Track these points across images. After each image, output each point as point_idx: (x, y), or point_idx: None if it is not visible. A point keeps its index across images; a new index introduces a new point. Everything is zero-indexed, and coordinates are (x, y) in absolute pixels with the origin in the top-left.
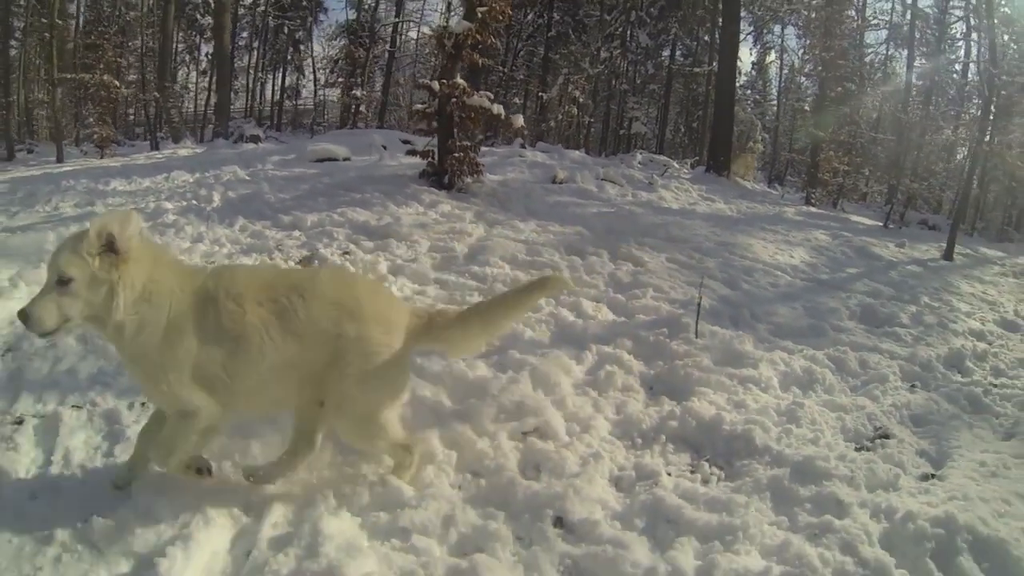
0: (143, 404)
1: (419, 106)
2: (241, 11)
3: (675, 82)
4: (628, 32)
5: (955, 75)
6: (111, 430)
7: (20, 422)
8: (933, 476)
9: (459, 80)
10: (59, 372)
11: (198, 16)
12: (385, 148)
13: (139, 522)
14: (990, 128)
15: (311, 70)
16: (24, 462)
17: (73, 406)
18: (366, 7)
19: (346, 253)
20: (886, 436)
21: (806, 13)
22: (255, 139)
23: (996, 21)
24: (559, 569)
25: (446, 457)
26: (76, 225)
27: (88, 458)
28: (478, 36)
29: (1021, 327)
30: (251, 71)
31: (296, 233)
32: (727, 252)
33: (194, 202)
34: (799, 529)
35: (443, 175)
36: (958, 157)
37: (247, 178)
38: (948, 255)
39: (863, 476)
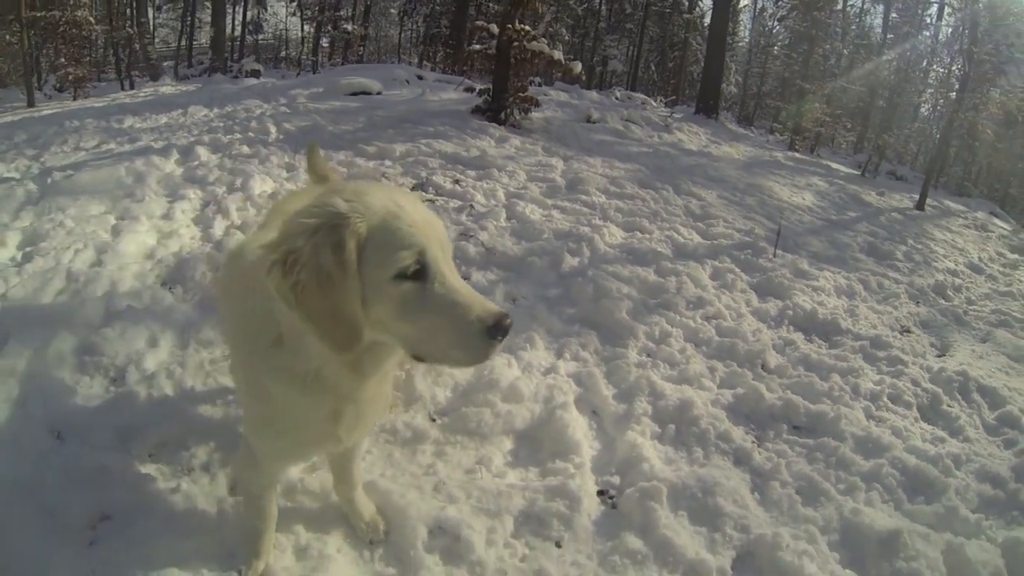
0: None
1: (477, 47)
2: None
3: (648, 21)
4: None
5: (927, 34)
6: None
7: None
8: (944, 355)
9: (524, 26)
10: None
11: None
12: (408, 82)
13: None
14: (963, 97)
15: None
16: None
17: None
18: None
19: (456, 182)
20: (908, 331)
21: None
22: (256, 74)
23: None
24: (782, 389)
25: (675, 331)
26: (142, 160)
27: None
28: None
29: (984, 271)
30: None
31: (387, 163)
32: (758, 192)
33: (250, 135)
34: (883, 372)
35: (499, 111)
36: (922, 112)
37: (288, 110)
38: (920, 205)
39: (909, 348)
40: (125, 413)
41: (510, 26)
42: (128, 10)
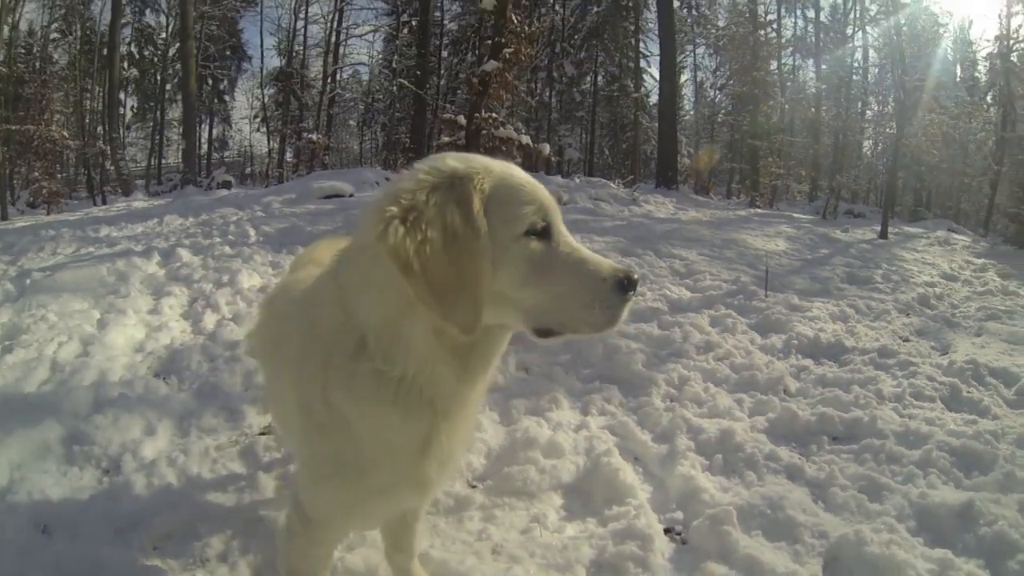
0: None
1: (446, 139)
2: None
3: (598, 107)
4: (553, 63)
5: (856, 78)
6: None
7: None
8: (947, 353)
9: (492, 114)
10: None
11: (122, 68)
12: (378, 183)
13: None
14: (903, 124)
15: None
16: None
17: None
18: (295, 54)
19: None
20: (907, 340)
21: (715, 32)
22: (227, 185)
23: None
24: (811, 407)
25: (693, 375)
26: (123, 261)
27: None
28: (506, 75)
29: (958, 277)
30: (176, 124)
31: None
32: (734, 246)
33: (230, 238)
34: (898, 376)
35: None
36: (864, 150)
37: (264, 215)
38: (883, 234)
39: (916, 351)
40: (123, 504)
41: (478, 115)
42: (100, 127)
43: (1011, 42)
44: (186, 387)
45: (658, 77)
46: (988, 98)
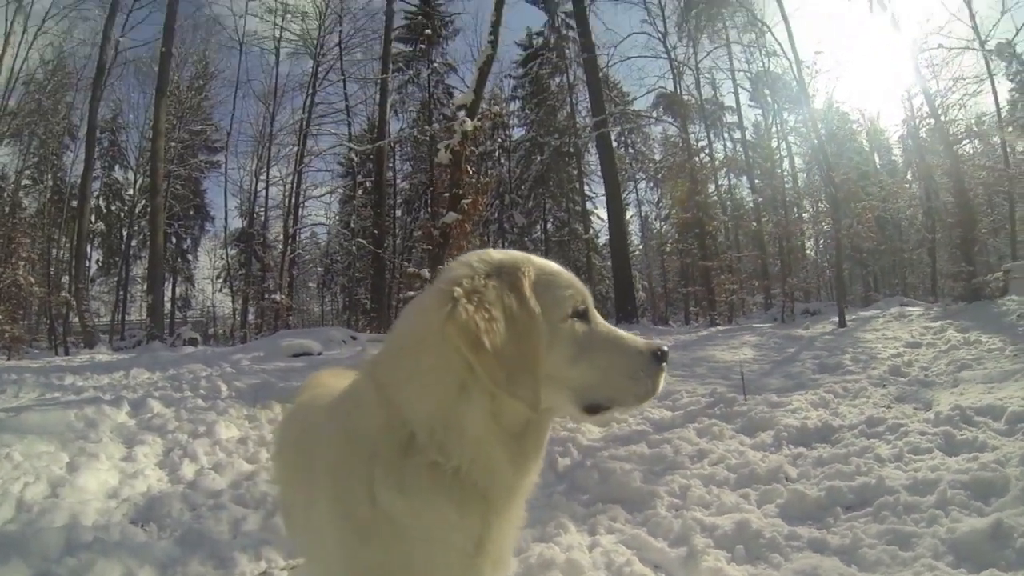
0: None
1: (411, 293)
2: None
3: (550, 253)
4: (503, 215)
5: (788, 185)
6: None
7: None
8: (931, 408)
9: None
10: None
11: (90, 221)
12: (345, 342)
13: None
14: (839, 217)
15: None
16: None
17: None
18: (256, 215)
19: None
20: (890, 407)
21: (654, 165)
22: (193, 342)
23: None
24: (817, 485)
25: (693, 482)
26: (92, 408)
27: None
28: (465, 225)
29: (922, 343)
30: (140, 280)
31: None
32: (703, 363)
33: (201, 392)
34: (890, 440)
35: None
36: (808, 250)
37: (234, 371)
38: (842, 323)
39: (901, 414)
40: None
41: (440, 267)
42: (65, 277)
43: (917, 120)
44: (167, 535)
45: (606, 217)
46: (908, 175)
